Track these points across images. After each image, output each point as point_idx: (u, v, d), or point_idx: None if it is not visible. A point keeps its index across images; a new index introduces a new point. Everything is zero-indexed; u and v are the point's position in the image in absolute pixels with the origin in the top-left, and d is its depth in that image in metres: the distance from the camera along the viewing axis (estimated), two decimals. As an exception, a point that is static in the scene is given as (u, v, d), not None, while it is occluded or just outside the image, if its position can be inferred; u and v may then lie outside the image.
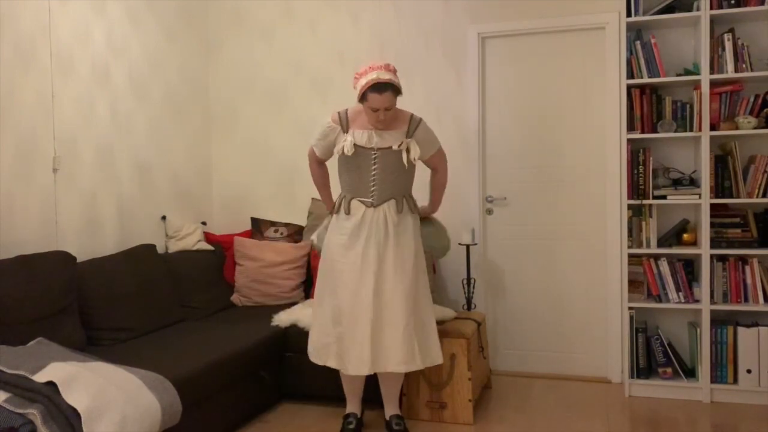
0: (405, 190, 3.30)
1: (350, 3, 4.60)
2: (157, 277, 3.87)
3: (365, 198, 3.21)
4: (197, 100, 4.82)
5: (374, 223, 3.17)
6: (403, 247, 3.19)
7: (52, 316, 3.17)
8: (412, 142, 3.22)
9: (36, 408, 2.34)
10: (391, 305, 3.11)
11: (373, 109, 3.10)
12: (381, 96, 3.06)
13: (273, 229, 4.56)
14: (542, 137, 4.32)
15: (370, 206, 3.19)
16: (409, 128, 3.24)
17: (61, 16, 3.61)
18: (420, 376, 3.56)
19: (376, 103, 3.08)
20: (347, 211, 3.22)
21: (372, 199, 3.20)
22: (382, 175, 3.20)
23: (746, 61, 3.69)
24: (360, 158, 3.19)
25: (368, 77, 3.07)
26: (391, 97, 3.10)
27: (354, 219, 3.19)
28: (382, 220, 3.18)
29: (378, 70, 3.08)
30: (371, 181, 3.20)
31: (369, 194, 3.20)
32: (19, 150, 3.36)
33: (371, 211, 3.19)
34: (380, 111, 3.10)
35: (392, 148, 3.18)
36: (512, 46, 4.35)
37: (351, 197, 3.24)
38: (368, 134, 3.19)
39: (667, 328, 4.02)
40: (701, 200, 3.75)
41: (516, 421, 3.56)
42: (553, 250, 4.33)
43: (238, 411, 3.47)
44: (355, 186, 3.24)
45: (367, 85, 3.06)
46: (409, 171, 3.29)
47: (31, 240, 3.41)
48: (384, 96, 3.07)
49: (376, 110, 3.10)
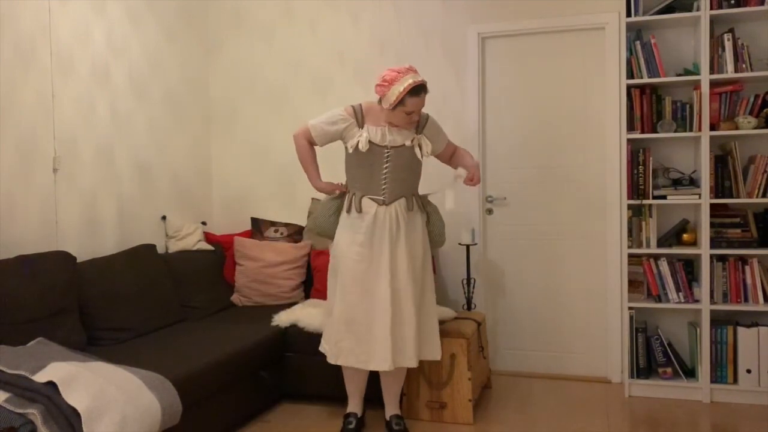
0: (413, 188, 3.33)
1: (350, 3, 4.60)
2: (157, 277, 3.87)
3: (376, 196, 3.21)
4: (197, 100, 4.82)
5: (386, 221, 3.19)
6: (413, 244, 3.24)
7: (52, 316, 3.17)
8: (423, 137, 3.27)
9: (36, 408, 2.34)
10: (405, 301, 3.15)
11: (408, 113, 3.14)
12: (419, 98, 3.12)
13: (273, 229, 4.56)
14: (542, 137, 4.32)
15: (382, 204, 3.21)
16: (419, 125, 3.28)
17: (61, 16, 3.61)
18: (420, 376, 3.56)
19: (413, 106, 3.12)
20: (359, 209, 3.22)
21: (384, 197, 3.21)
22: (394, 173, 3.22)
23: (746, 61, 3.69)
24: (373, 155, 3.20)
25: (404, 82, 3.06)
26: (425, 98, 3.16)
27: (368, 218, 3.20)
28: (394, 218, 3.20)
29: (410, 74, 3.10)
30: (383, 179, 3.21)
31: (380, 192, 3.21)
32: (19, 150, 3.36)
33: (383, 209, 3.20)
34: (415, 113, 3.16)
35: (405, 145, 3.21)
36: (512, 46, 4.36)
37: (362, 195, 3.24)
38: (382, 131, 3.20)
39: (667, 328, 4.02)
40: (701, 200, 3.75)
41: (516, 421, 3.56)
42: (553, 250, 4.33)
43: (238, 411, 3.47)
44: (366, 183, 3.23)
45: (406, 90, 3.06)
46: (418, 170, 3.34)
47: (31, 240, 3.42)
48: (422, 98, 3.13)
49: (411, 113, 3.14)
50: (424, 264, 3.29)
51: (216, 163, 4.97)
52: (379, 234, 3.18)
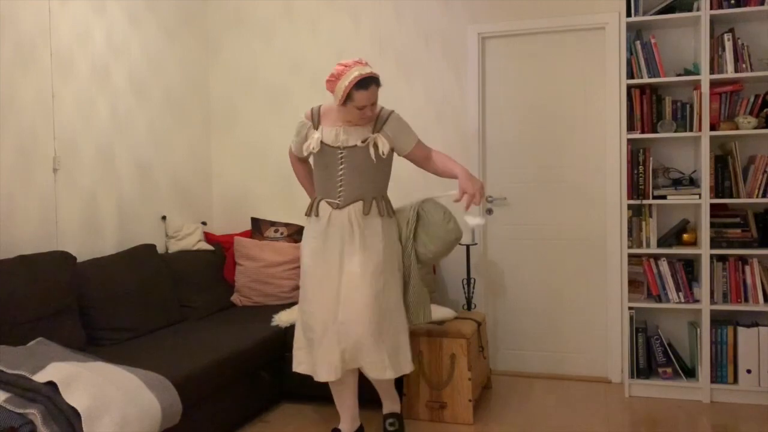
0: (376, 191, 3.09)
1: (350, 3, 4.60)
2: (157, 277, 3.87)
3: (332, 199, 3.05)
4: (197, 100, 4.82)
5: (339, 225, 3.02)
6: (369, 250, 3.00)
7: (52, 316, 3.17)
8: (379, 137, 3.03)
9: (36, 408, 2.34)
10: (356, 309, 2.95)
11: (360, 108, 2.94)
12: (368, 91, 2.91)
13: (273, 229, 4.56)
14: (542, 137, 4.32)
15: (336, 207, 3.03)
16: (376, 123, 3.06)
17: (61, 16, 3.61)
18: (420, 376, 3.56)
19: (363, 100, 2.92)
20: (316, 213, 3.09)
21: (339, 200, 3.04)
22: (350, 176, 3.03)
23: (746, 61, 3.69)
24: (327, 157, 3.05)
25: (350, 75, 2.88)
26: (376, 91, 2.95)
27: (322, 221, 3.05)
28: (347, 222, 3.01)
29: (357, 66, 2.91)
30: (338, 181, 3.04)
31: (336, 195, 3.04)
32: (19, 150, 3.36)
33: (336, 213, 3.03)
34: (367, 107, 2.95)
35: (357, 145, 3.01)
36: (512, 46, 4.36)
37: (321, 198, 3.11)
38: (336, 132, 3.04)
39: (667, 328, 4.02)
40: (701, 200, 3.75)
41: (516, 421, 3.56)
42: (553, 250, 4.33)
43: (238, 411, 3.47)
44: (324, 186, 3.10)
45: (351, 83, 2.87)
46: (381, 170, 3.10)
47: (31, 240, 3.42)
48: (370, 91, 2.92)
49: (363, 107, 2.94)
50: (385, 272, 3.02)
51: (216, 163, 4.97)
52: (332, 239, 3.03)
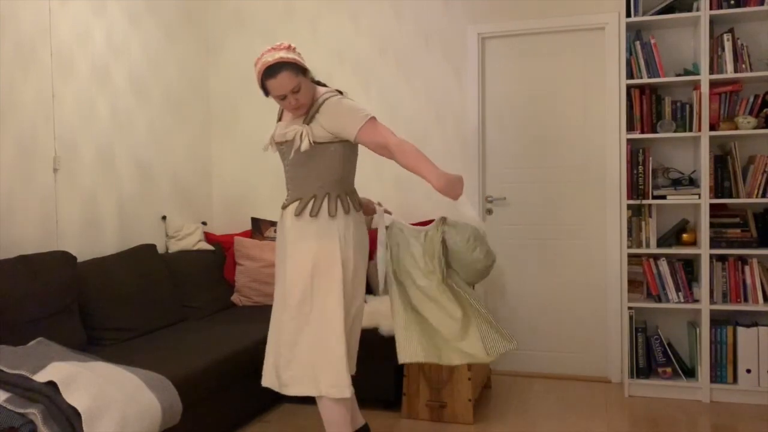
0: (325, 188, 2.67)
1: (350, 3, 4.61)
2: (157, 277, 3.87)
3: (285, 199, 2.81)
4: (197, 100, 4.83)
5: (281, 229, 2.78)
6: (296, 257, 2.66)
7: (52, 316, 3.17)
8: (305, 128, 2.64)
9: (36, 408, 2.34)
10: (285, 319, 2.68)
11: (279, 97, 2.64)
12: (276, 79, 2.57)
13: (273, 229, 4.56)
14: (542, 137, 4.32)
15: (283, 208, 2.77)
16: (309, 111, 2.66)
17: (61, 16, 3.61)
18: (420, 376, 3.56)
19: (277, 90, 2.60)
20: None
21: (285, 200, 2.78)
22: (291, 172, 2.75)
23: (746, 61, 3.69)
24: (279, 154, 2.82)
25: (257, 68, 2.61)
26: (290, 77, 2.57)
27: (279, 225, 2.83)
28: (283, 224, 2.76)
29: (268, 53, 2.61)
30: (287, 180, 2.78)
31: (287, 194, 2.79)
32: (19, 150, 3.37)
33: (282, 213, 2.78)
34: (288, 96, 2.61)
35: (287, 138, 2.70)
36: (512, 46, 4.36)
37: None
38: (281, 126, 2.79)
39: (666, 328, 4.02)
40: (701, 200, 3.75)
41: (516, 421, 3.56)
42: (553, 250, 4.33)
43: (238, 411, 3.47)
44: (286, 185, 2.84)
45: (259, 75, 2.61)
46: (326, 164, 2.67)
47: (31, 240, 3.42)
48: (279, 78, 2.56)
49: (283, 97, 2.62)
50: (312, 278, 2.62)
51: (216, 163, 4.97)
52: (279, 245, 2.80)
